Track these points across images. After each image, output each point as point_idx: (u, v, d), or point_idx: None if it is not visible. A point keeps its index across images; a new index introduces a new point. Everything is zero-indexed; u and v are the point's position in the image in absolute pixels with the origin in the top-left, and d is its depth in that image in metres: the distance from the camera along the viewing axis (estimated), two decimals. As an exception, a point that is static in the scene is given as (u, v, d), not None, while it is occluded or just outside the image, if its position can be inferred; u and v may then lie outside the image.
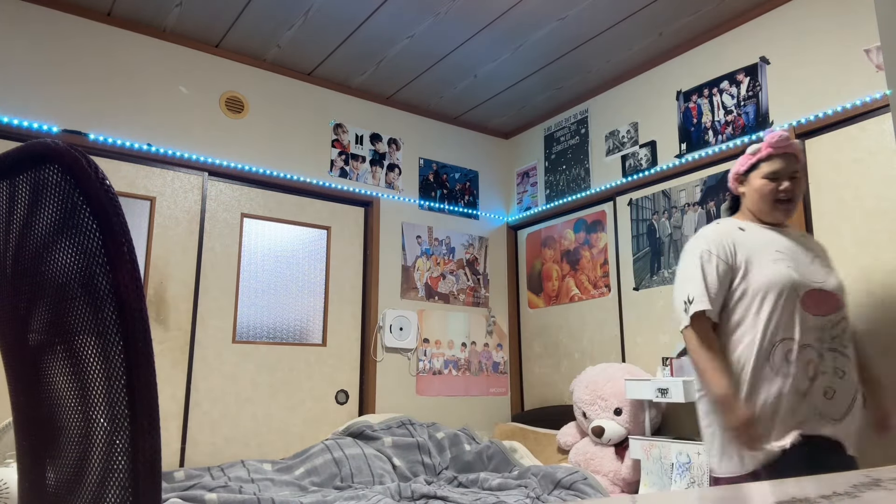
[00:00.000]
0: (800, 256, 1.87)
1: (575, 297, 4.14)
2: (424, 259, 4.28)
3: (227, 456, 3.37)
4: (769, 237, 1.91)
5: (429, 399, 4.09)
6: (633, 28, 3.48)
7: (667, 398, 3.00)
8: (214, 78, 3.66)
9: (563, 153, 4.38)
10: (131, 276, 0.62)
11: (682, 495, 0.54)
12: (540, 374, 4.33)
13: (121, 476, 0.60)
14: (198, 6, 3.29)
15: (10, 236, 0.72)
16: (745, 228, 1.95)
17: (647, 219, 3.75)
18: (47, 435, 0.70)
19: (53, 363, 0.68)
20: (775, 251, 1.86)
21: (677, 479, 2.90)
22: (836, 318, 1.80)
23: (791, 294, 1.79)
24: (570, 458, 3.47)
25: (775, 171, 1.91)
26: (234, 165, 3.63)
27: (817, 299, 1.80)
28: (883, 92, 2.76)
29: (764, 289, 1.81)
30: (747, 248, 1.87)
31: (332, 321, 3.88)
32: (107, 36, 3.36)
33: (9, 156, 0.70)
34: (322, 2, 3.26)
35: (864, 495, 0.49)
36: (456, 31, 3.52)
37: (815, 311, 1.79)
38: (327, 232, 3.98)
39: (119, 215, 0.63)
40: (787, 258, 1.85)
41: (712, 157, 3.41)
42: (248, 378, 3.52)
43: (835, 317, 1.80)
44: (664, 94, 3.73)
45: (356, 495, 2.73)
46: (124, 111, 3.35)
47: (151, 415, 0.61)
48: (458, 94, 4.24)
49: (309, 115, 3.97)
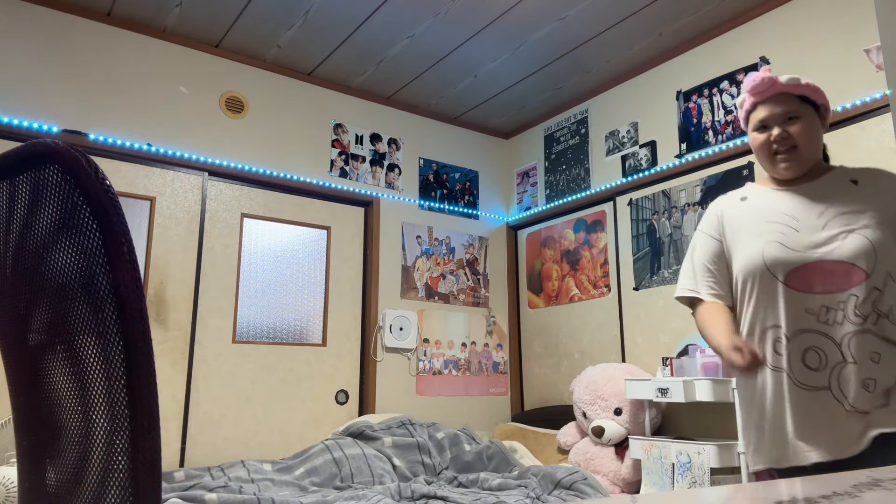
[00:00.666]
0: (803, 220, 1.52)
1: (575, 297, 4.14)
2: (424, 259, 4.28)
3: (227, 456, 3.37)
4: (770, 202, 1.59)
5: (429, 399, 4.09)
6: (633, 28, 3.48)
7: (667, 398, 3.00)
8: (214, 78, 3.66)
9: (563, 153, 4.38)
10: (131, 276, 0.62)
11: (682, 495, 0.54)
12: (540, 374, 4.33)
13: (121, 476, 0.60)
14: (198, 6, 3.29)
15: (10, 236, 0.72)
16: (748, 196, 1.64)
17: (647, 219, 3.75)
18: (47, 435, 0.70)
19: (53, 363, 0.68)
20: (765, 222, 1.56)
21: (678, 479, 2.90)
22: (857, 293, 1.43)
23: (767, 274, 1.51)
24: (570, 458, 3.47)
25: (762, 120, 1.58)
26: (234, 165, 3.63)
27: (811, 274, 1.47)
28: (883, 92, 2.76)
29: (743, 271, 1.56)
30: (736, 223, 1.61)
31: (332, 321, 3.88)
32: (107, 36, 3.36)
33: (9, 156, 0.70)
34: (322, 2, 3.26)
35: (864, 495, 0.49)
36: (456, 31, 3.52)
37: (811, 289, 1.47)
38: (327, 232, 3.98)
39: (119, 215, 0.63)
40: (775, 229, 1.54)
41: (712, 157, 3.41)
42: (248, 378, 3.52)
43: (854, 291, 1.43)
44: (664, 94, 3.73)
45: (356, 495, 2.73)
46: (124, 111, 3.35)
47: (151, 415, 0.61)
48: (458, 94, 4.24)
49: (309, 115, 3.97)
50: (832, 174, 1.59)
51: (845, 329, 1.44)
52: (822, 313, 1.46)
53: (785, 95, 1.57)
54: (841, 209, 1.52)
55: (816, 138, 1.57)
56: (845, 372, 1.43)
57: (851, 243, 1.46)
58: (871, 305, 1.43)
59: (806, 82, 1.56)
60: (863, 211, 1.50)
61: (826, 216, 1.52)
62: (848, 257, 1.45)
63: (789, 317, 1.49)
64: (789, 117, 1.55)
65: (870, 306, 1.43)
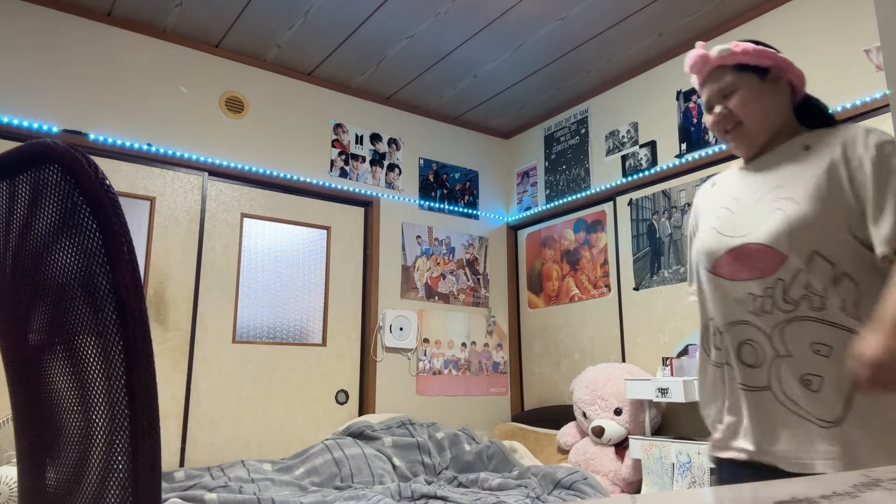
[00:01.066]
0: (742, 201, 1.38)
1: (575, 297, 4.14)
2: (424, 259, 4.28)
3: (227, 456, 3.37)
4: (728, 186, 1.46)
5: (429, 399, 4.09)
6: (633, 28, 3.48)
7: (667, 398, 3.00)
8: (214, 78, 3.66)
9: (563, 153, 4.38)
10: (131, 276, 0.62)
11: (682, 495, 0.54)
12: (540, 374, 4.33)
13: (121, 476, 0.60)
14: (198, 6, 3.29)
15: (10, 236, 0.72)
16: (718, 182, 1.52)
17: (647, 219, 3.75)
18: (47, 435, 0.70)
19: (53, 363, 0.68)
20: (719, 208, 1.43)
21: (678, 479, 2.90)
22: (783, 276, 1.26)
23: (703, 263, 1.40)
24: (570, 458, 3.47)
25: (706, 101, 1.45)
26: (234, 165, 3.63)
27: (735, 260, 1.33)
28: (883, 92, 2.76)
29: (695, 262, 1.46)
30: (702, 212, 1.49)
31: (332, 321, 3.88)
32: (107, 36, 3.36)
33: (9, 156, 0.70)
34: (322, 2, 3.26)
35: (864, 495, 0.49)
36: (456, 31, 3.52)
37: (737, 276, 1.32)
38: (327, 232, 3.98)
39: (119, 215, 0.63)
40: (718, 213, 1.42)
41: (712, 157, 3.41)
42: (248, 378, 3.52)
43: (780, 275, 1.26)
44: (664, 94, 3.73)
45: (356, 495, 2.73)
46: (124, 111, 3.35)
47: (151, 415, 0.61)
48: (458, 94, 4.24)
49: (309, 115, 3.97)
50: (789, 143, 1.39)
51: (776, 318, 1.27)
52: (749, 301, 1.30)
53: (721, 69, 1.41)
54: (777, 182, 1.34)
55: (762, 108, 1.38)
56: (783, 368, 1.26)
57: (770, 221, 1.29)
58: (800, 288, 1.24)
59: (741, 48, 1.37)
60: (800, 180, 1.30)
61: (760, 193, 1.35)
62: (767, 238, 1.28)
63: (720, 308, 1.36)
64: (727, 92, 1.40)
65: (800, 289, 1.24)
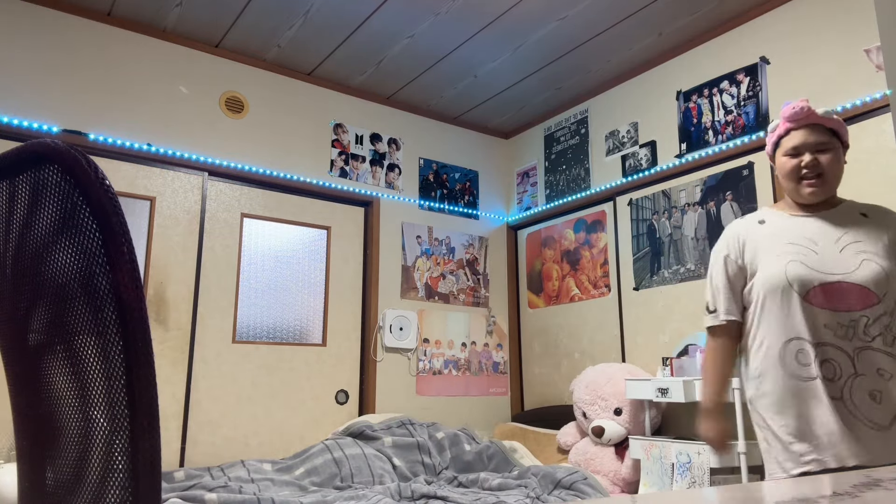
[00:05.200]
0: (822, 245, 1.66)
1: (575, 297, 4.14)
2: (424, 259, 4.28)
3: (227, 456, 3.37)
4: (788, 226, 1.72)
5: (429, 399, 4.09)
6: (633, 28, 3.48)
7: (667, 398, 3.00)
8: (214, 78, 3.66)
9: (563, 153, 4.38)
10: (131, 276, 0.62)
11: (682, 495, 0.54)
12: (540, 374, 4.33)
13: (121, 476, 0.60)
14: (198, 6, 3.29)
15: (10, 236, 0.72)
16: (766, 220, 1.77)
17: (647, 219, 3.75)
18: (47, 435, 0.70)
19: (53, 363, 0.68)
20: (786, 244, 1.69)
21: (678, 479, 2.90)
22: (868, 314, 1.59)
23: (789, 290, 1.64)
24: (570, 458, 3.47)
25: (796, 147, 1.69)
26: (234, 165, 3.63)
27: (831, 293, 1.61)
28: (883, 92, 2.76)
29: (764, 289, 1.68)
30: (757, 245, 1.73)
31: (332, 321, 3.88)
32: (107, 36, 3.36)
33: (9, 156, 0.70)
34: (322, 2, 3.26)
35: (864, 495, 0.49)
36: (456, 31, 3.52)
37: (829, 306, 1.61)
38: (327, 232, 3.98)
39: (119, 215, 0.63)
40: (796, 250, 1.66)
41: (712, 157, 3.41)
42: (248, 378, 3.52)
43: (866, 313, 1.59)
44: (664, 94, 3.73)
45: (356, 495, 2.73)
46: (124, 111, 3.35)
47: (151, 415, 0.61)
48: (458, 94, 4.24)
49: (309, 115, 3.97)
50: (844, 206, 1.74)
51: (855, 344, 1.59)
52: (838, 329, 1.61)
53: (818, 126, 1.70)
54: (855, 237, 1.68)
55: (840, 171, 1.71)
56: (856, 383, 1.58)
57: (867, 269, 1.62)
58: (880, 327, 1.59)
59: (838, 118, 1.70)
60: (875, 241, 1.67)
61: (842, 242, 1.67)
62: (863, 281, 1.61)
63: (810, 330, 1.62)
64: (820, 147, 1.68)
65: (879, 328, 1.59)
